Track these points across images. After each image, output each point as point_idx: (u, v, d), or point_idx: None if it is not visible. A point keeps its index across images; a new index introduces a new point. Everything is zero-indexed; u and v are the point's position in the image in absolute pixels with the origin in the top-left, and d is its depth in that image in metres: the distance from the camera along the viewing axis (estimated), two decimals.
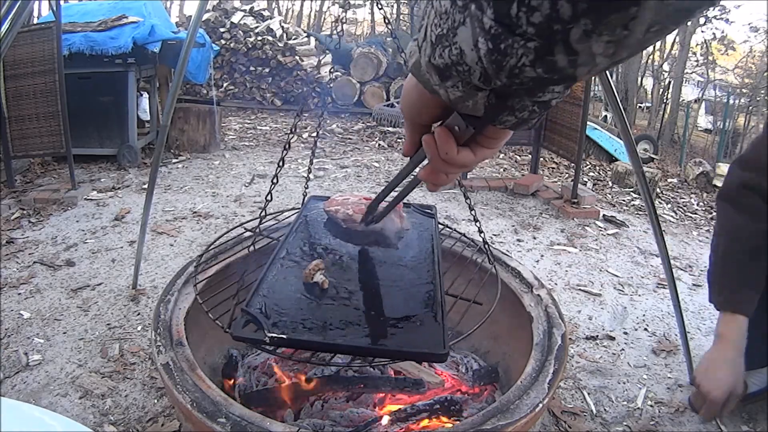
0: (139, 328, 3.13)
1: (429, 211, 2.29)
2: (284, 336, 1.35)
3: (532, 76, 0.60)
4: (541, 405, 1.52)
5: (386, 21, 2.40)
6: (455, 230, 2.42)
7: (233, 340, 1.36)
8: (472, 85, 0.66)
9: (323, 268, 1.64)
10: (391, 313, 1.52)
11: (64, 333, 3.05)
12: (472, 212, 2.28)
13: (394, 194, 1.32)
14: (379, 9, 2.24)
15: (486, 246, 2.23)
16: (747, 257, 2.31)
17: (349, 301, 1.56)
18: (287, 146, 2.05)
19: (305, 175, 6.05)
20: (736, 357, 2.34)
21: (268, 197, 1.99)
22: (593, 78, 4.05)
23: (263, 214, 2.00)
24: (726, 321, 2.40)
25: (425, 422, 1.81)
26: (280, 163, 2.09)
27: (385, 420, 1.83)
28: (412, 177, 1.05)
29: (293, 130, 2.10)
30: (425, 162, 0.90)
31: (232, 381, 2.16)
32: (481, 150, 0.83)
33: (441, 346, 1.38)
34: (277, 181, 2.05)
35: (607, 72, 2.50)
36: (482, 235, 2.23)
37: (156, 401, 2.55)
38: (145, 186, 3.62)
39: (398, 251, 1.92)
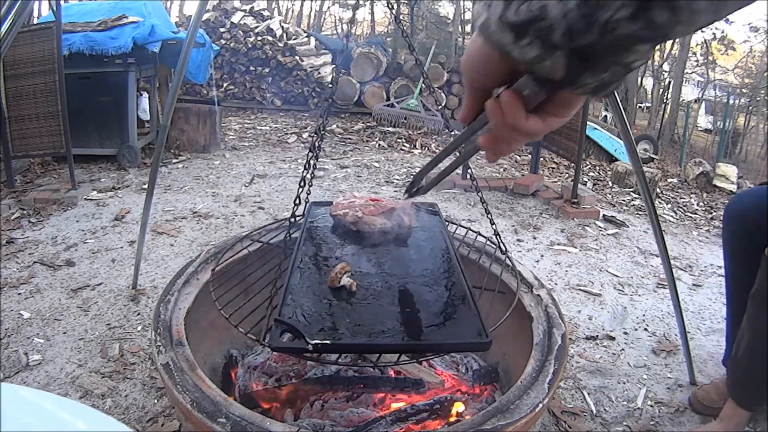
0: (139, 328, 3.13)
1: (433, 209, 2.31)
2: (328, 341, 1.36)
3: (625, 33, 0.57)
4: (541, 405, 1.52)
5: (397, 20, 2.39)
6: (461, 224, 2.43)
7: (273, 351, 1.35)
8: (551, 44, 0.61)
9: (349, 270, 1.65)
10: (424, 308, 1.57)
11: (64, 333, 3.06)
12: (484, 204, 2.29)
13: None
14: (390, 9, 2.23)
15: (497, 237, 2.22)
16: (763, 358, 2.30)
17: (379, 301, 1.59)
18: (314, 147, 1.97)
19: (306, 176, 6.04)
20: None
21: (296, 201, 1.86)
22: None
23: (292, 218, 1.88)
24: (731, 407, 2.42)
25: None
26: (310, 166, 1.96)
27: (386, 420, 1.83)
28: (469, 145, 0.96)
29: (319, 130, 2.02)
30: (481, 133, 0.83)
31: (232, 381, 2.17)
32: (550, 118, 0.77)
33: (483, 335, 1.45)
34: (304, 185, 1.94)
35: None
36: (494, 226, 2.23)
37: (156, 401, 2.55)
38: (145, 186, 3.63)
39: (414, 249, 1.95)
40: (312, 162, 1.92)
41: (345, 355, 1.91)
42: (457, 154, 1.13)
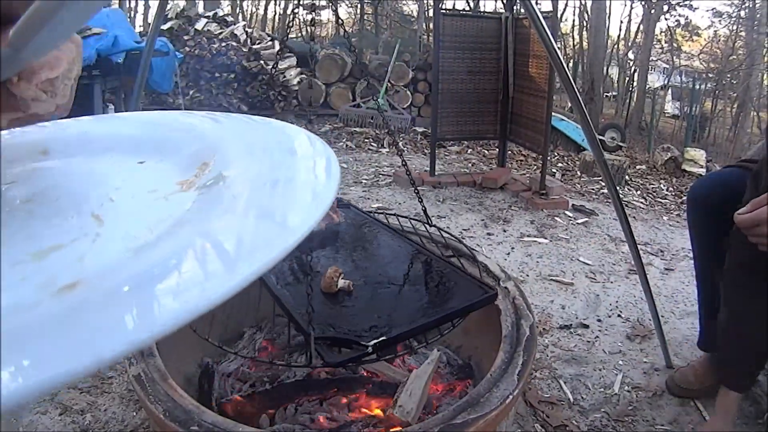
0: None
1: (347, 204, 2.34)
2: (384, 337, 1.38)
3: None
4: (511, 397, 1.53)
5: (339, 22, 2.35)
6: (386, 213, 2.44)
7: (336, 367, 1.34)
8: None
9: (341, 272, 1.64)
10: (424, 289, 1.65)
11: None
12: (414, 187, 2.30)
13: None
14: (333, 11, 2.20)
15: (426, 216, 2.23)
16: (741, 334, 2.32)
17: (379, 294, 1.64)
18: None
19: None
20: (727, 428, 2.40)
21: None
22: (555, 69, 4.03)
23: None
24: (723, 394, 2.44)
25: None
26: None
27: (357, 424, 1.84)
28: None
29: None
30: None
31: (207, 389, 2.16)
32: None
33: (487, 289, 1.59)
34: None
35: (563, 61, 2.51)
36: (422, 204, 2.24)
37: (135, 414, 2.54)
38: None
39: (365, 243, 1.97)
40: None
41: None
42: None
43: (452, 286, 1.67)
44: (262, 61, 10.30)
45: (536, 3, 2.44)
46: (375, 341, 1.35)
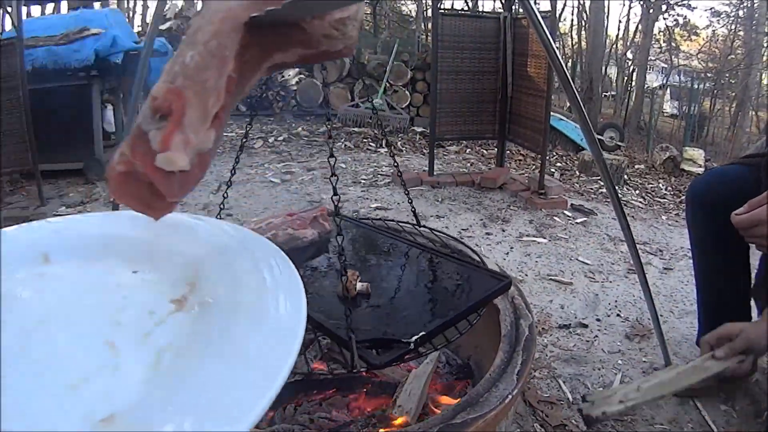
0: None
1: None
2: (423, 332, 1.38)
3: None
4: (510, 396, 1.53)
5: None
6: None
7: (381, 368, 1.34)
8: None
9: (359, 275, 1.64)
10: (439, 283, 1.69)
11: None
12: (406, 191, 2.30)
13: None
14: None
15: (416, 218, 2.23)
16: None
17: (398, 293, 1.65)
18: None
19: (272, 179, 6.01)
20: None
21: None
22: (554, 69, 4.00)
23: None
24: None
25: (398, 420, 1.82)
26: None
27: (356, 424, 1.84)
28: None
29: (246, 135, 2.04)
30: None
31: None
32: None
33: (501, 277, 1.65)
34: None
35: (562, 60, 2.51)
36: (412, 205, 2.24)
37: None
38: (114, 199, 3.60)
39: (372, 249, 1.97)
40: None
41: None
42: None
43: (466, 279, 1.70)
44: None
45: (535, 3, 2.44)
46: (416, 337, 1.35)
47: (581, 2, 22.75)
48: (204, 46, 0.77)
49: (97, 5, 9.39)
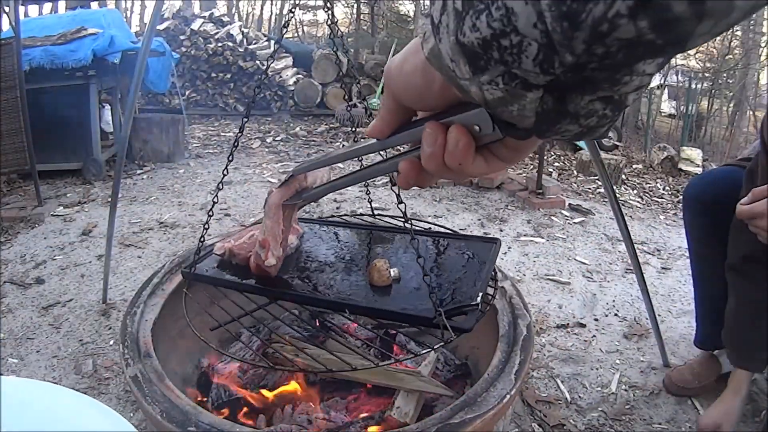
0: (111, 343, 3.11)
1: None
2: (480, 292, 1.46)
3: (627, 36, 0.39)
4: (508, 396, 1.54)
5: (331, 21, 2.28)
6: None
7: (468, 332, 1.38)
8: (520, 80, 0.47)
9: (387, 262, 1.67)
10: (448, 255, 1.76)
11: (38, 351, 3.03)
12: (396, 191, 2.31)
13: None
14: (326, 11, 2.17)
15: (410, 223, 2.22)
16: (753, 321, 2.34)
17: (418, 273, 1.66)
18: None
19: (270, 179, 6.01)
20: (738, 404, 2.44)
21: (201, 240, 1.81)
22: None
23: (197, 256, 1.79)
24: (735, 374, 2.48)
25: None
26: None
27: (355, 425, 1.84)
28: (383, 164, 0.80)
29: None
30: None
31: (205, 390, 2.16)
32: (495, 161, 0.65)
33: (492, 240, 1.81)
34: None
35: None
36: (401, 205, 2.23)
37: (132, 414, 2.54)
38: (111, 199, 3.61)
39: (361, 244, 1.99)
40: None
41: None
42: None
43: (465, 248, 1.76)
44: (258, 62, 10.29)
45: None
46: (479, 297, 1.45)
47: None
48: (270, 217, 1.50)
49: (94, 5, 9.35)
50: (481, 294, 1.45)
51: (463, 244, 1.82)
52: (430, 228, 2.12)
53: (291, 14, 2.12)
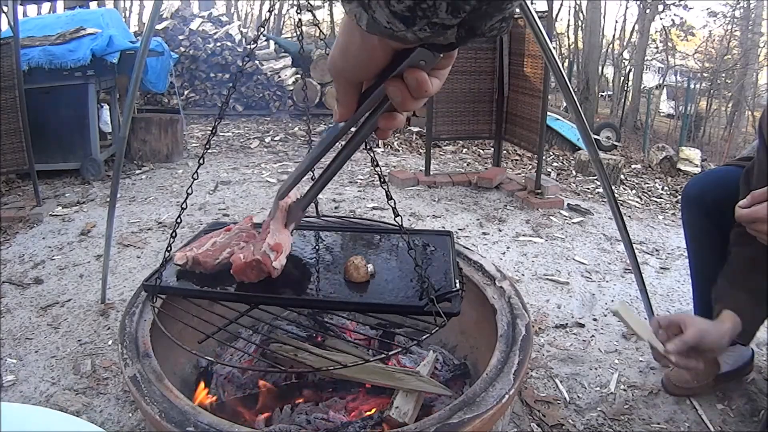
0: (109, 343, 3.10)
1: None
2: (457, 279, 1.70)
3: None
4: (507, 396, 1.54)
5: (316, 23, 2.36)
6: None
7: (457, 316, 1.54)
8: (440, 24, 0.63)
9: (364, 259, 1.76)
10: (411, 250, 1.75)
11: (36, 352, 3.03)
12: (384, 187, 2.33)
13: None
14: (309, 10, 2.21)
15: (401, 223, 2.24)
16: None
17: (392, 265, 1.87)
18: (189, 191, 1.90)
19: (269, 179, 6.00)
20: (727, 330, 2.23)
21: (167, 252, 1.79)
22: (550, 69, 3.92)
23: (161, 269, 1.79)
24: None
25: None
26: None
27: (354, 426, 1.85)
28: (363, 130, 0.99)
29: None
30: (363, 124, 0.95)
31: (203, 390, 2.16)
32: (441, 72, 0.82)
33: (445, 233, 2.18)
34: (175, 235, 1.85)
35: (558, 60, 2.52)
36: (391, 201, 2.26)
37: (131, 414, 2.53)
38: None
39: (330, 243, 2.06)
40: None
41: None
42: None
43: (425, 243, 1.97)
44: (257, 61, 10.30)
45: (531, 2, 2.44)
46: (458, 283, 1.65)
47: (578, 2, 22.79)
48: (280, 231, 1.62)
49: (93, 5, 9.37)
50: (459, 282, 1.63)
51: (420, 238, 2.01)
52: (376, 225, 2.25)
53: (269, 14, 2.24)
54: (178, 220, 1.80)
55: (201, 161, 1.87)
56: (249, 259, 1.64)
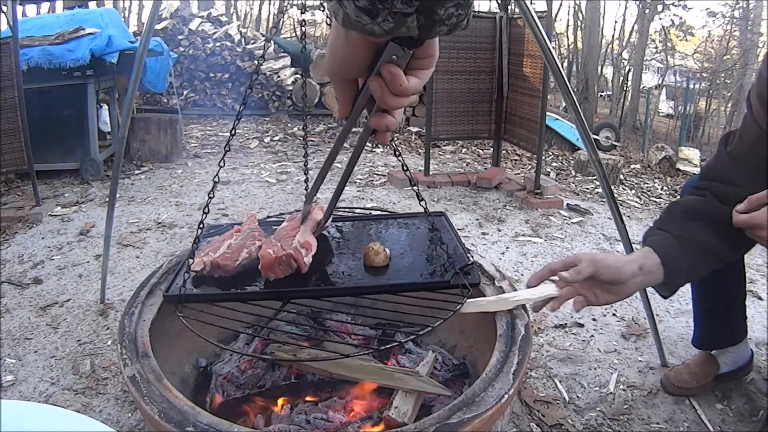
0: (108, 343, 3.10)
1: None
2: (468, 253, 1.87)
3: None
4: (506, 396, 1.53)
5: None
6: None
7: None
8: (400, 14, 0.70)
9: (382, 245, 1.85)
10: (417, 232, 2.05)
11: (35, 352, 3.03)
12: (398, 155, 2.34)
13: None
14: (322, 11, 2.24)
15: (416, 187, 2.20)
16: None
17: (403, 248, 1.99)
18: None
19: (268, 179, 6.01)
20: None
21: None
22: (550, 69, 3.91)
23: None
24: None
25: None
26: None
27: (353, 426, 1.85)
28: (363, 133, 1.08)
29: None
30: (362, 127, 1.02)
31: (203, 390, 2.16)
32: (421, 72, 0.87)
33: (437, 213, 2.20)
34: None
35: (557, 60, 2.52)
36: (406, 170, 2.23)
37: (130, 414, 2.53)
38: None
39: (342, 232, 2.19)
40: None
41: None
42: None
43: (427, 225, 2.02)
44: (256, 61, 10.28)
45: (530, 3, 2.44)
46: (471, 258, 1.81)
47: (577, 2, 22.80)
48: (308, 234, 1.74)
49: (92, 4, 9.37)
50: (472, 258, 1.77)
51: (418, 221, 2.17)
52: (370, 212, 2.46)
53: (281, 15, 2.24)
54: (201, 226, 1.83)
55: (222, 164, 1.94)
56: (280, 254, 1.68)
